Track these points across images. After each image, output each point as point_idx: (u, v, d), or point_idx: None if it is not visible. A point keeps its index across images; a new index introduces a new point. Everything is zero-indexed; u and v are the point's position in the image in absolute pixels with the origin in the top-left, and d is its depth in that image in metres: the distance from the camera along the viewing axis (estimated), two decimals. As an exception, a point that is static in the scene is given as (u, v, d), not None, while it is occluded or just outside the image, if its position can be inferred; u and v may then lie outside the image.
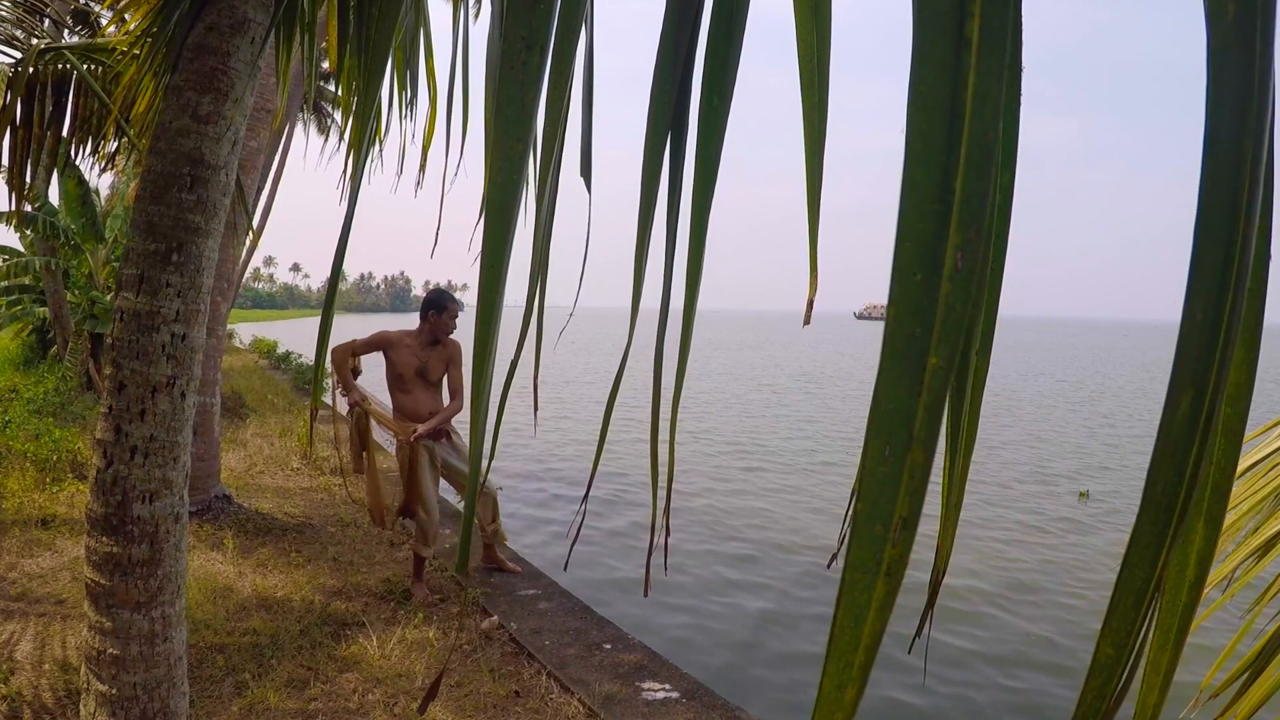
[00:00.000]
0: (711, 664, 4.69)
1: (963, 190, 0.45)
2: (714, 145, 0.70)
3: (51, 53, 3.26)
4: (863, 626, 0.46)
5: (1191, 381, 0.45)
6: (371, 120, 1.47)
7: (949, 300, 0.45)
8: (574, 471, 9.99)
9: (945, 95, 0.45)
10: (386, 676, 3.67)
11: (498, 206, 0.65)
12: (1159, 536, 0.46)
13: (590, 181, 0.89)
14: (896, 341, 0.45)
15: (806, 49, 0.75)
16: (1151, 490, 0.46)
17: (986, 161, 0.44)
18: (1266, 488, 1.95)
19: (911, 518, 0.45)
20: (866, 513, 0.45)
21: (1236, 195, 0.44)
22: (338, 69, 2.25)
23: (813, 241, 0.78)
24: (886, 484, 0.45)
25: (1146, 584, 0.47)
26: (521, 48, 0.63)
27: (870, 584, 0.45)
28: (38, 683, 3.40)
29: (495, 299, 0.67)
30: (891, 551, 0.45)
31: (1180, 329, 0.46)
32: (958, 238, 0.45)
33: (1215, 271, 0.45)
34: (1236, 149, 0.44)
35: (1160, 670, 0.57)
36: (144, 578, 2.06)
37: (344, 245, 0.91)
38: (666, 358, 0.75)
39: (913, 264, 0.45)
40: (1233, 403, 0.56)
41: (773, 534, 7.59)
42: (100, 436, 2.06)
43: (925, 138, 0.45)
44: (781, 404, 18.57)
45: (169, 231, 2.02)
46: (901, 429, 0.45)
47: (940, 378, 0.45)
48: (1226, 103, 0.44)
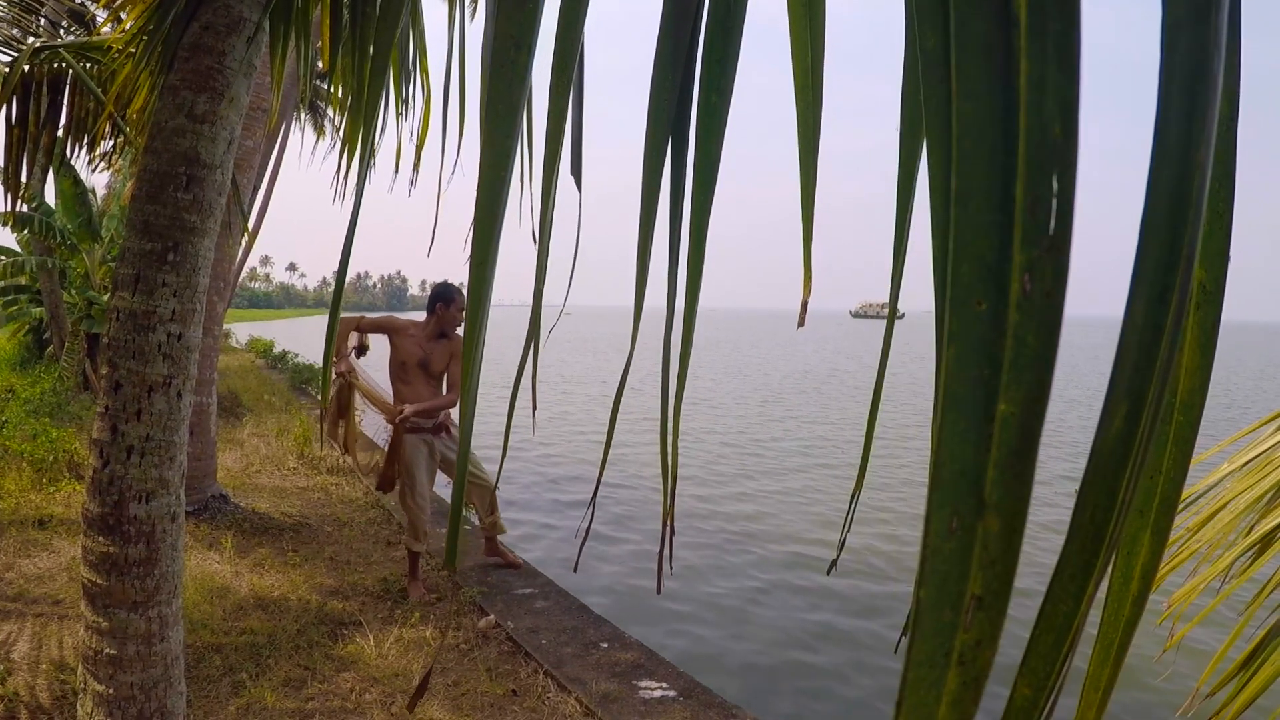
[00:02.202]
0: (708, 663, 4.70)
1: (1024, 197, 0.38)
2: (714, 142, 0.70)
3: (47, 51, 3.25)
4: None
5: (1127, 394, 0.40)
6: (373, 122, 1.47)
7: (1019, 333, 0.38)
8: (571, 473, 9.99)
9: (995, 84, 0.39)
10: (383, 676, 3.67)
11: (486, 204, 0.64)
12: (1085, 567, 0.41)
13: (580, 179, 0.89)
14: (958, 387, 0.39)
15: (800, 48, 0.75)
16: (1079, 516, 0.41)
17: (1050, 161, 0.38)
18: (1260, 486, 1.96)
19: (989, 596, 0.38)
20: (931, 599, 0.38)
21: (1185, 185, 0.40)
22: (330, 68, 2.25)
23: (807, 241, 0.78)
24: (954, 561, 0.38)
25: (1070, 620, 0.41)
26: (510, 46, 0.63)
27: (939, 679, 0.38)
28: (34, 683, 3.39)
29: (483, 296, 0.66)
30: (964, 638, 0.38)
31: (1121, 334, 0.40)
32: (1023, 256, 0.38)
33: (1160, 268, 0.40)
34: (1185, 137, 0.40)
35: (1100, 686, 0.53)
36: (140, 577, 2.06)
37: (348, 249, 0.91)
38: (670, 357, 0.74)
39: (973, 290, 0.38)
40: (1185, 410, 0.52)
41: (770, 533, 7.60)
42: (96, 436, 2.05)
43: (977, 135, 0.39)
44: (779, 402, 18.59)
45: (165, 231, 2.02)
46: (970, 494, 0.38)
47: (1014, 428, 0.38)
48: (1176, 86, 0.40)
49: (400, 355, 4.64)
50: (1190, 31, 0.41)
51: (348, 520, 6.21)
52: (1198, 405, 0.52)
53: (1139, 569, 0.53)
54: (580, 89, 0.87)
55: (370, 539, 5.79)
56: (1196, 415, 0.52)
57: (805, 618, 5.53)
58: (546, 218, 0.75)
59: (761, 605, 5.74)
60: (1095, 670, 0.54)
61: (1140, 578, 0.54)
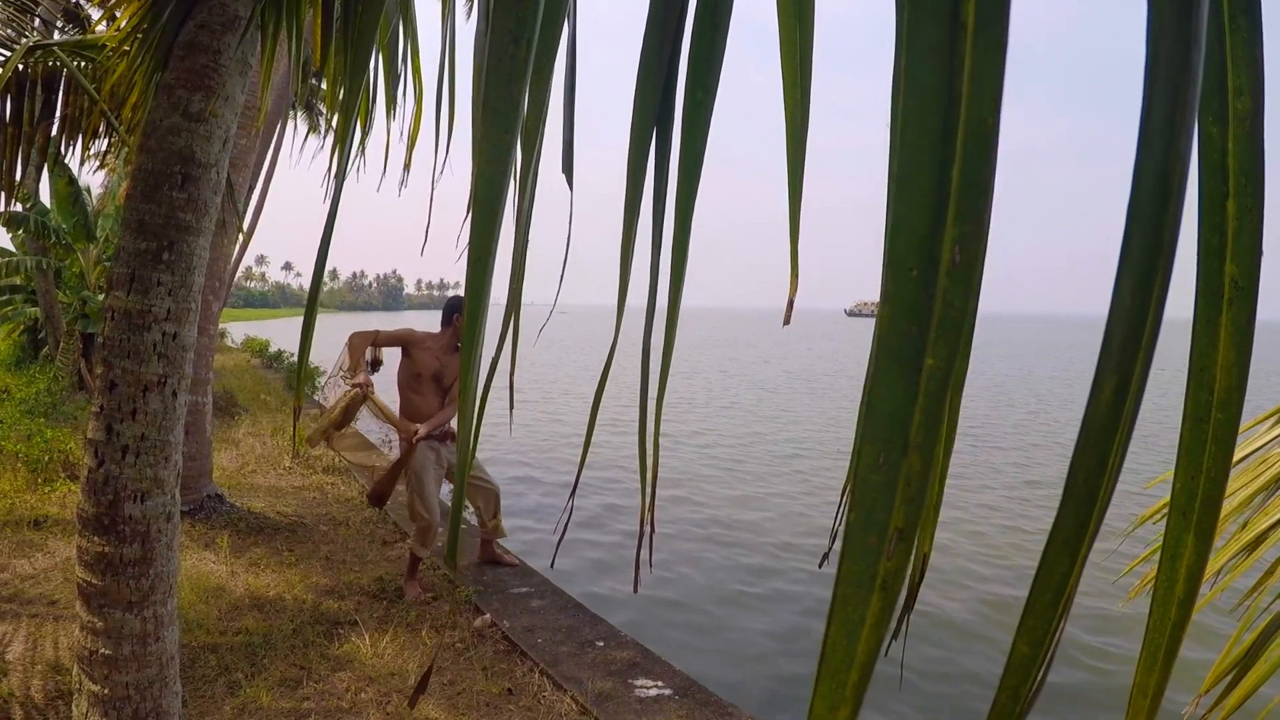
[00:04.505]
0: (705, 661, 4.70)
1: (960, 180, 0.42)
2: (699, 138, 0.70)
3: (41, 50, 3.24)
4: (856, 644, 0.43)
5: (1116, 369, 0.43)
6: (354, 117, 1.46)
7: (947, 297, 0.42)
8: (562, 475, 9.99)
9: (940, 80, 0.42)
10: (379, 675, 3.67)
11: (484, 200, 0.64)
12: (1079, 530, 0.44)
13: (572, 178, 0.89)
14: (891, 341, 0.43)
15: (789, 46, 0.75)
16: (1073, 481, 0.44)
17: (985, 149, 0.42)
18: (1254, 484, 1.96)
19: (909, 529, 0.42)
20: (860, 523, 0.43)
21: (1167, 176, 0.43)
22: (320, 65, 2.25)
23: (793, 239, 0.78)
24: (881, 493, 0.42)
25: (1065, 580, 0.44)
26: (509, 40, 0.63)
27: (865, 599, 0.43)
28: (29, 684, 3.39)
29: (482, 294, 0.66)
30: (887, 565, 0.42)
31: (1109, 314, 0.43)
32: (955, 230, 0.42)
33: (1145, 253, 0.43)
34: (1167, 130, 0.42)
35: (1148, 693, 0.53)
36: (136, 577, 2.06)
37: (327, 239, 0.91)
38: (650, 354, 0.74)
39: (908, 259, 0.43)
40: (1223, 408, 0.52)
41: (766, 531, 7.60)
42: (92, 436, 2.05)
43: (919, 125, 0.43)
44: (772, 401, 18.60)
45: (160, 230, 2.02)
46: (897, 434, 0.42)
47: (938, 380, 0.42)
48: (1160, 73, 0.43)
49: (416, 367, 4.64)
50: (1173, 29, 0.42)
51: (344, 519, 6.21)
52: (1235, 403, 0.52)
53: (1184, 571, 0.53)
54: (571, 88, 0.87)
55: (366, 538, 5.78)
56: (1235, 413, 0.52)
57: (804, 618, 5.54)
58: (524, 216, 0.75)
59: (761, 605, 5.74)
60: (1142, 678, 0.53)
61: (1186, 579, 0.53)
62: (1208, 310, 0.51)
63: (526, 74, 0.65)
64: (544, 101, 0.70)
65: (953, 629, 5.38)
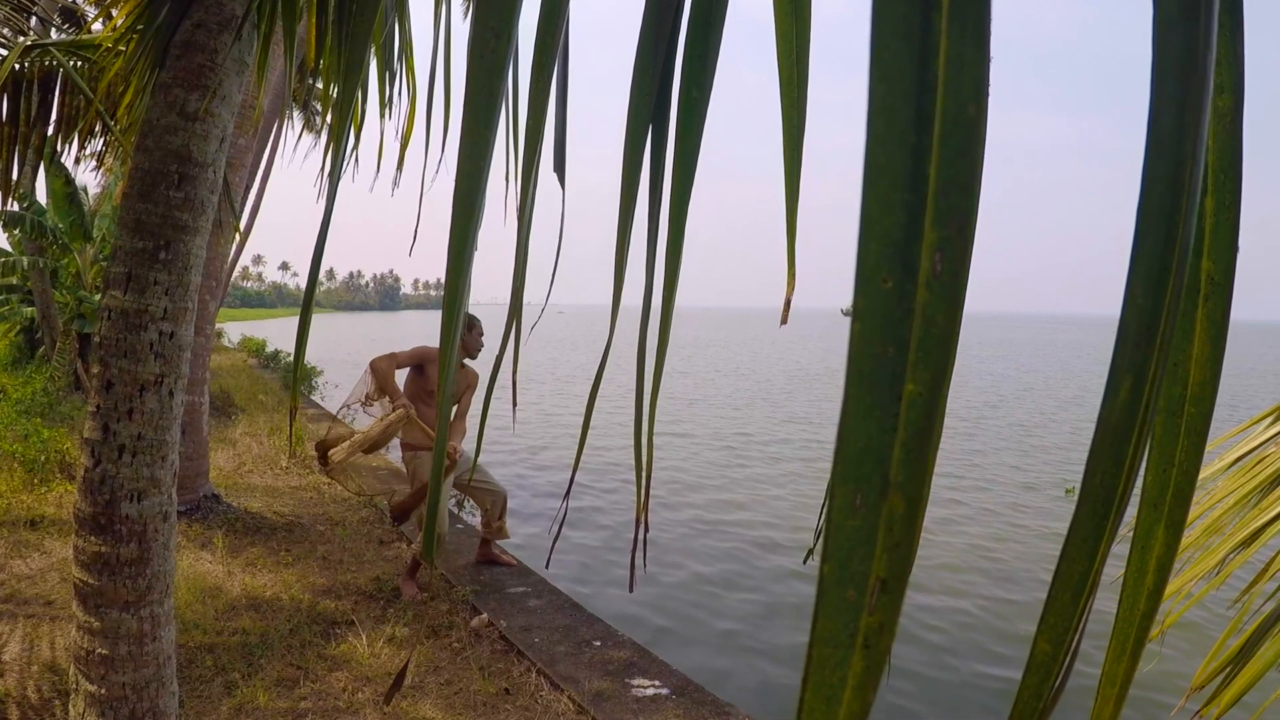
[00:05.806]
0: (702, 660, 4.70)
1: (938, 177, 0.37)
2: (693, 137, 0.70)
3: (37, 49, 3.24)
4: (838, 709, 0.38)
5: (1130, 368, 0.41)
6: (349, 116, 1.47)
7: (928, 312, 0.37)
8: (557, 477, 9.99)
9: (911, 64, 0.38)
10: (376, 675, 3.67)
11: (465, 195, 0.64)
12: (1098, 528, 0.43)
13: (564, 177, 0.90)
14: (863, 364, 0.37)
15: (786, 45, 0.75)
16: (1090, 481, 0.42)
17: (967, 142, 0.37)
18: (1251, 482, 1.97)
19: (893, 579, 0.37)
20: (834, 576, 0.37)
21: (1178, 173, 0.41)
22: (315, 65, 2.25)
23: (790, 238, 0.79)
24: (859, 540, 0.37)
25: (1085, 578, 0.43)
26: (490, 36, 0.63)
27: (845, 659, 0.37)
28: (26, 684, 3.38)
29: (460, 289, 0.66)
30: (869, 620, 0.37)
31: (1121, 314, 0.42)
32: (935, 235, 0.37)
33: (1157, 252, 0.41)
34: (1178, 129, 0.41)
35: (1116, 682, 0.52)
36: (132, 577, 2.05)
37: (323, 239, 0.91)
38: (645, 353, 0.74)
39: (880, 268, 0.37)
40: (1196, 402, 0.52)
41: (761, 530, 7.61)
42: (88, 435, 2.05)
43: (888, 115, 0.38)
44: (765, 399, 18.61)
45: (157, 229, 2.02)
46: (875, 473, 0.37)
47: (921, 408, 0.37)
48: (1169, 72, 0.41)
49: (431, 382, 4.73)
50: (1181, 28, 0.41)
51: (340, 519, 6.20)
52: (1209, 398, 0.52)
53: (1154, 562, 0.53)
54: (564, 87, 0.87)
55: (363, 538, 5.78)
56: (1208, 407, 0.52)
57: (801, 616, 5.55)
58: (525, 215, 0.75)
59: (757, 597, 5.75)
60: (1111, 667, 0.53)
61: (1155, 571, 0.53)
62: (1183, 305, 0.51)
63: (506, 69, 0.65)
64: (544, 104, 0.69)
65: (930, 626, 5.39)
